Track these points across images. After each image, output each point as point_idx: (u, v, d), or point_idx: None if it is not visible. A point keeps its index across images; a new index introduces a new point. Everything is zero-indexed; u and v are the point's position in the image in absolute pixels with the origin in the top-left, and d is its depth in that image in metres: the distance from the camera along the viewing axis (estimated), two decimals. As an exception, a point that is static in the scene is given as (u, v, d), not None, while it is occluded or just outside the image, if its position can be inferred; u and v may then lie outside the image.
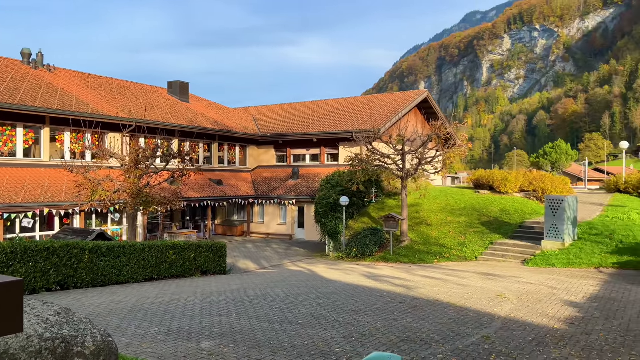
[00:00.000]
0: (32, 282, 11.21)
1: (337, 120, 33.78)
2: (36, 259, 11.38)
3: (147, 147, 17.80)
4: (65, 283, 12.00)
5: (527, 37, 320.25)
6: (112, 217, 23.99)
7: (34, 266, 11.31)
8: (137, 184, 15.63)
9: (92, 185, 15.70)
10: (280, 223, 31.31)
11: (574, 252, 15.80)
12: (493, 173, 25.13)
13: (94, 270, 12.59)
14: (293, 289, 12.48)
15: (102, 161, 18.06)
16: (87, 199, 16.39)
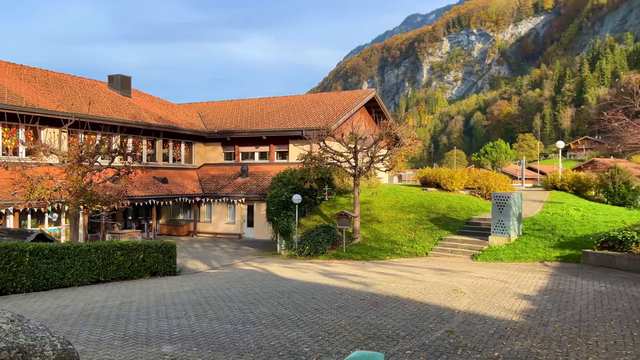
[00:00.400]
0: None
1: (286, 117, 33.55)
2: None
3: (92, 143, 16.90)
4: (2, 288, 11.14)
5: (465, 41, 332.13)
6: (50, 217, 22.67)
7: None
8: (80, 181, 14.77)
9: (31, 183, 14.68)
10: (229, 222, 30.73)
11: (520, 246, 16.44)
12: (440, 171, 25.78)
13: (35, 274, 11.77)
14: (250, 289, 12.21)
15: (39, 158, 16.93)
16: (24, 198, 15.33)
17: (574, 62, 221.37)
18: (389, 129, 19.93)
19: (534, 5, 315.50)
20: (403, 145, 19.94)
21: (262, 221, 29.42)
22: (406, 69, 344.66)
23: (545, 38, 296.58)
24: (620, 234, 13.52)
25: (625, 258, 12.93)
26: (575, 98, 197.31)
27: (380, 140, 20.32)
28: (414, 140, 20.06)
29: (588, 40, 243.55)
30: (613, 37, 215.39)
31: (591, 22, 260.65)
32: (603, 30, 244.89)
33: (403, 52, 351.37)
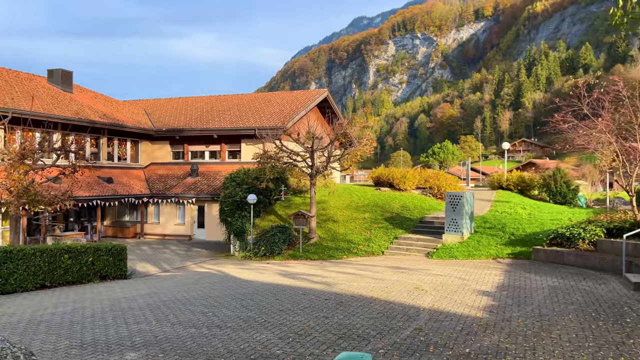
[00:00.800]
0: None
1: (238, 116, 33.02)
2: None
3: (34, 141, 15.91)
4: (-62, 296, 10.27)
5: (410, 44, 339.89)
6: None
7: None
8: (22, 180, 13.85)
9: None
10: (178, 223, 29.87)
11: (473, 244, 16.88)
12: (392, 171, 26.16)
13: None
14: (210, 291, 11.85)
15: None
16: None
17: (512, 68, 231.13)
18: (345, 129, 19.98)
19: (474, 12, 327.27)
20: (359, 145, 20.02)
21: (214, 222, 28.82)
22: (353, 70, 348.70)
23: (485, 43, 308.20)
24: (568, 231, 14.13)
25: (572, 254, 13.52)
26: (513, 102, 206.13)
27: (336, 140, 20.32)
28: (369, 141, 20.21)
29: (525, 47, 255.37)
30: (547, 45, 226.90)
31: (527, 30, 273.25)
32: (538, 37, 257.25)
33: (350, 54, 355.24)
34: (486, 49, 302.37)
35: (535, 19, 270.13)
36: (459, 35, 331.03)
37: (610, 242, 13.17)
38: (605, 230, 13.60)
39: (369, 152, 20.69)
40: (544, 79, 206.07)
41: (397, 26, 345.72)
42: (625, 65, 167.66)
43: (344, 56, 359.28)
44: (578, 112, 13.75)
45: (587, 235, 13.60)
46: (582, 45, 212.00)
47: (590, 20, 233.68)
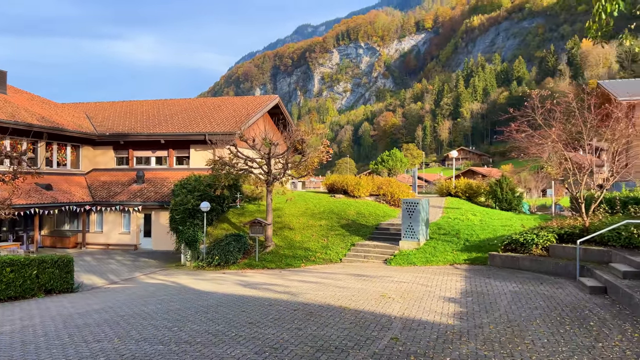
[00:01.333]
0: None
1: (187, 121, 32.12)
2: None
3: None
4: None
5: (354, 54, 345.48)
6: None
7: None
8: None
9: None
10: (123, 232, 28.60)
11: (429, 250, 17.14)
12: (346, 178, 26.25)
13: None
14: (169, 304, 11.30)
15: None
16: None
17: (450, 79, 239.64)
18: (302, 135, 19.84)
19: (415, 24, 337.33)
20: (316, 152, 19.92)
21: (161, 230, 27.85)
22: (298, 77, 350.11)
23: (425, 55, 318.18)
24: (522, 237, 14.61)
25: (527, 259, 13.97)
26: (452, 111, 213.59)
27: (293, 146, 20.13)
28: (326, 147, 20.15)
29: (463, 59, 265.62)
30: (484, 57, 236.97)
31: (465, 43, 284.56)
32: (475, 50, 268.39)
33: (295, 61, 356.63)
34: (426, 60, 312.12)
35: (473, 33, 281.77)
36: (401, 46, 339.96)
37: (562, 247, 13.72)
38: (557, 236, 14.16)
39: (325, 159, 20.62)
40: (481, 90, 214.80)
41: (341, 35, 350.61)
42: (554, 79, 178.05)
43: (289, 63, 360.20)
44: (532, 122, 14.27)
45: (540, 241, 14.11)
46: (516, 58, 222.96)
47: (523, 35, 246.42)
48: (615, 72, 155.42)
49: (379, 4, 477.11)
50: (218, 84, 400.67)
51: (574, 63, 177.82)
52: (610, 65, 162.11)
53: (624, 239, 12.51)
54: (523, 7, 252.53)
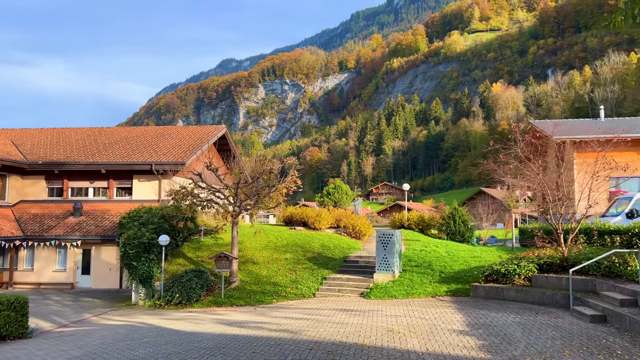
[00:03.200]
0: None
1: (129, 150, 30.34)
2: None
3: None
4: None
5: (279, 89, 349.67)
6: None
7: None
8: None
9: None
10: (58, 269, 26.03)
11: (406, 282, 16.98)
12: (305, 210, 25.79)
13: None
14: (158, 347, 10.14)
15: None
16: None
17: (373, 117, 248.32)
18: (270, 165, 19.33)
19: (339, 64, 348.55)
20: (285, 182, 19.39)
21: (102, 267, 25.78)
22: (223, 110, 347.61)
23: (348, 93, 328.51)
24: (503, 267, 14.86)
25: (512, 290, 14.18)
26: (375, 148, 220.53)
27: (261, 176, 19.47)
28: (294, 178, 19.69)
29: (384, 98, 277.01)
30: (404, 97, 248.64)
31: (386, 83, 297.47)
32: (395, 90, 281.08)
33: (220, 94, 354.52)
34: (349, 98, 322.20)
35: (392, 74, 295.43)
36: (325, 84, 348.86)
37: (545, 277, 14.08)
38: (537, 266, 14.53)
39: (292, 189, 20.14)
40: (402, 129, 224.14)
41: (267, 71, 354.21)
42: (469, 119, 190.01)
43: (213, 96, 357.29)
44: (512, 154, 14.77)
45: (522, 272, 14.41)
46: (433, 99, 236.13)
47: (439, 78, 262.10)
48: (522, 114, 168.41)
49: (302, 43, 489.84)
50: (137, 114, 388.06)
51: (486, 105, 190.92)
52: (518, 108, 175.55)
53: (604, 267, 13.02)
54: (439, 52, 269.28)
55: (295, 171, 19.94)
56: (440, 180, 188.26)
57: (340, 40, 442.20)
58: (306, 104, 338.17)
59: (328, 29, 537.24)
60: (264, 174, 19.21)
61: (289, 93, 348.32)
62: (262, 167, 20.01)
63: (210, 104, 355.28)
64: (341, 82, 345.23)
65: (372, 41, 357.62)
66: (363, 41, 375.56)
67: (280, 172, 21.31)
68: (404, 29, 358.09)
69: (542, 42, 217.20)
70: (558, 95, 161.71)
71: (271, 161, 20.01)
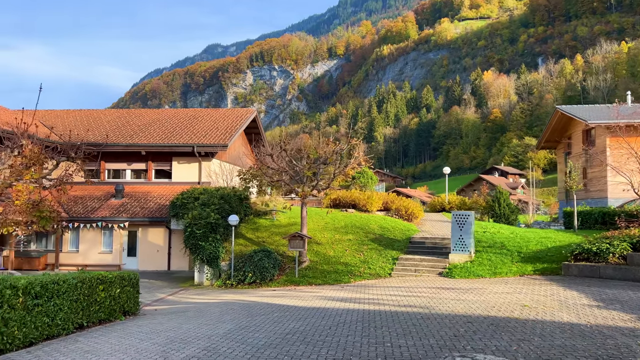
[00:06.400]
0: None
1: (166, 132, 29.98)
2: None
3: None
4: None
5: (268, 75, 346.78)
6: None
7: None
8: (32, 193, 10.58)
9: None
10: (103, 251, 25.76)
11: (487, 262, 17.18)
12: (353, 193, 25.84)
13: (26, 322, 7.92)
14: (305, 321, 10.16)
15: None
16: None
17: (363, 104, 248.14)
18: (350, 142, 19.47)
19: (328, 50, 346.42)
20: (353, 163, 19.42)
21: (149, 249, 25.61)
22: (210, 96, 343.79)
23: (338, 80, 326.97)
24: (594, 246, 15.13)
25: (610, 268, 14.46)
26: (367, 135, 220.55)
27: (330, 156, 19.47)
28: (362, 159, 19.73)
29: (374, 86, 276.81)
30: (394, 85, 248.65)
31: (376, 70, 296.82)
32: (385, 78, 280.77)
33: (207, 80, 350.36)
34: (339, 85, 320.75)
35: (383, 61, 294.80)
36: (314, 71, 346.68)
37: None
38: (631, 245, 14.82)
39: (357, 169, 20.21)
40: (393, 116, 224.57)
41: (254, 57, 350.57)
42: (461, 107, 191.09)
43: (200, 81, 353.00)
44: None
45: (617, 250, 14.69)
46: (423, 87, 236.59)
47: (429, 65, 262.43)
48: (514, 102, 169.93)
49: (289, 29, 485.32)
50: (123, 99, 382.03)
51: (478, 93, 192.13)
52: (510, 97, 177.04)
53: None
54: (429, 39, 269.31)
55: (360, 152, 19.93)
56: (432, 167, 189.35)
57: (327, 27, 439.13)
58: (295, 91, 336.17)
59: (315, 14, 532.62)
60: (333, 154, 19.19)
61: (277, 79, 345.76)
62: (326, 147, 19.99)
63: (198, 89, 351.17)
64: (330, 68, 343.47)
65: (361, 28, 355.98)
66: (352, 27, 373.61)
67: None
68: (392, 15, 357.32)
69: (533, 31, 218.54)
70: (550, 84, 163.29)
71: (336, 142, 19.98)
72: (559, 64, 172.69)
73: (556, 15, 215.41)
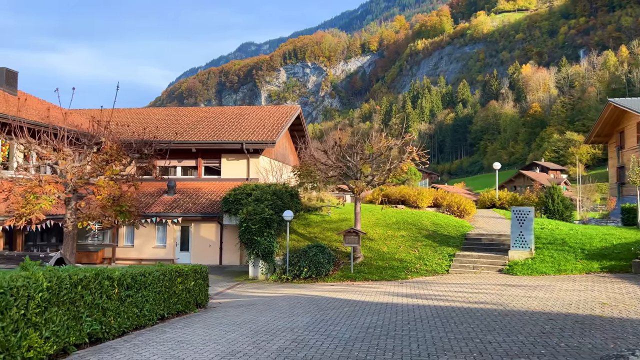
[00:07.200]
0: (64, 334, 6.67)
1: (215, 129, 30.49)
2: (72, 298, 6.87)
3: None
4: (94, 334, 7.51)
5: (301, 73, 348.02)
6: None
7: (69, 309, 6.80)
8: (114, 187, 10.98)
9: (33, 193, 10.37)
10: (157, 246, 26.41)
11: (549, 259, 16.81)
12: (402, 189, 25.69)
13: (120, 312, 8.22)
14: (378, 315, 10.18)
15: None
16: (26, 210, 10.78)
17: (397, 99, 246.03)
18: (405, 136, 19.43)
19: (361, 46, 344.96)
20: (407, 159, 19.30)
21: (201, 244, 26.10)
22: (244, 94, 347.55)
23: (371, 76, 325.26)
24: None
25: (685, 264, 13.95)
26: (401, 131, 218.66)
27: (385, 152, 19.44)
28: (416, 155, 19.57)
29: (408, 81, 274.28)
30: (429, 79, 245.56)
31: (410, 65, 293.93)
32: (420, 73, 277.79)
33: (241, 78, 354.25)
34: (372, 81, 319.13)
35: (417, 56, 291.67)
36: (347, 67, 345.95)
37: None
38: None
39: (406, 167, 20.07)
40: (428, 111, 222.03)
41: (288, 54, 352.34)
42: (498, 101, 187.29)
43: (234, 80, 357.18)
44: None
45: (693, 247, 14.14)
46: (459, 82, 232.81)
47: (465, 60, 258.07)
48: (555, 96, 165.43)
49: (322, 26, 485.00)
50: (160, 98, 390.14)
51: (516, 87, 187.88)
52: (550, 90, 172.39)
53: None
54: (465, 33, 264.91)
55: (413, 147, 19.79)
56: (469, 163, 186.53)
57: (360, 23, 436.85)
58: (328, 87, 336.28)
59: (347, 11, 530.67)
60: (387, 149, 19.13)
61: (310, 76, 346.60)
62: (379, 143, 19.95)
63: (232, 87, 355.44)
64: (363, 64, 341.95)
65: (395, 23, 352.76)
66: (385, 23, 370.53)
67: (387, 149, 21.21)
68: (426, 9, 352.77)
69: (574, 22, 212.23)
70: (592, 77, 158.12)
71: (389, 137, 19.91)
72: (602, 56, 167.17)
73: (598, 5, 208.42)
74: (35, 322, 6.11)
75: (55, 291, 6.52)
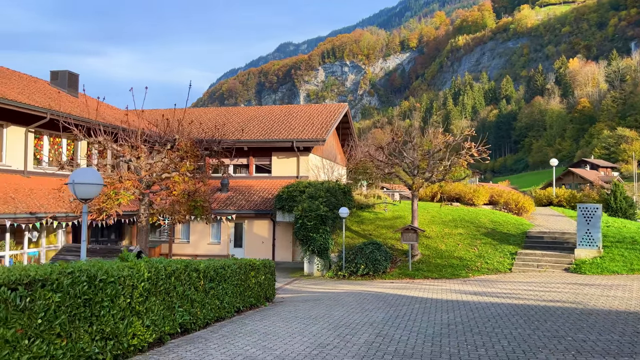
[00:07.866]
0: (160, 323, 6.86)
1: (265, 128, 30.84)
2: (167, 289, 7.08)
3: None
4: (184, 324, 7.71)
5: (339, 71, 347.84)
6: (30, 236, 17.66)
7: (164, 299, 7.00)
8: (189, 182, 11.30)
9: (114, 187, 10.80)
10: (212, 242, 26.95)
11: (619, 258, 16.19)
12: (457, 186, 25.30)
13: (204, 303, 8.40)
14: (455, 312, 10.03)
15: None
16: (107, 205, 11.26)
17: (438, 97, 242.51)
18: (463, 133, 19.15)
19: (400, 43, 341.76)
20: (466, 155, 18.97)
21: (254, 240, 26.42)
22: (283, 94, 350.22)
23: (410, 73, 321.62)
24: None
25: None
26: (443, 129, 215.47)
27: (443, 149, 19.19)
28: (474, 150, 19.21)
29: (448, 78, 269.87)
30: (471, 76, 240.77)
31: (450, 62, 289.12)
32: (461, 69, 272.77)
33: (280, 78, 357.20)
34: (411, 78, 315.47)
35: (458, 52, 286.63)
36: (386, 65, 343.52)
37: None
38: None
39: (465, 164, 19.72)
40: (470, 108, 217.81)
41: (326, 53, 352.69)
42: (543, 97, 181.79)
43: (274, 80, 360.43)
44: None
45: None
46: (502, 77, 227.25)
47: (508, 55, 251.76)
48: (604, 91, 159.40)
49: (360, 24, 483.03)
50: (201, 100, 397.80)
51: (563, 82, 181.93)
52: (599, 85, 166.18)
53: None
54: (508, 27, 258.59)
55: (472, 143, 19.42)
56: (513, 161, 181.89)
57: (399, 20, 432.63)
58: (366, 86, 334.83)
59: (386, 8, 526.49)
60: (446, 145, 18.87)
61: (349, 75, 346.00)
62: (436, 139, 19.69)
63: (271, 87, 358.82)
64: (403, 62, 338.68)
65: (434, 19, 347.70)
66: (425, 19, 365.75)
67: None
68: (467, 5, 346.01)
69: (624, 13, 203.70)
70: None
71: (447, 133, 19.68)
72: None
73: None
74: (138, 311, 6.31)
75: (154, 281, 6.73)
